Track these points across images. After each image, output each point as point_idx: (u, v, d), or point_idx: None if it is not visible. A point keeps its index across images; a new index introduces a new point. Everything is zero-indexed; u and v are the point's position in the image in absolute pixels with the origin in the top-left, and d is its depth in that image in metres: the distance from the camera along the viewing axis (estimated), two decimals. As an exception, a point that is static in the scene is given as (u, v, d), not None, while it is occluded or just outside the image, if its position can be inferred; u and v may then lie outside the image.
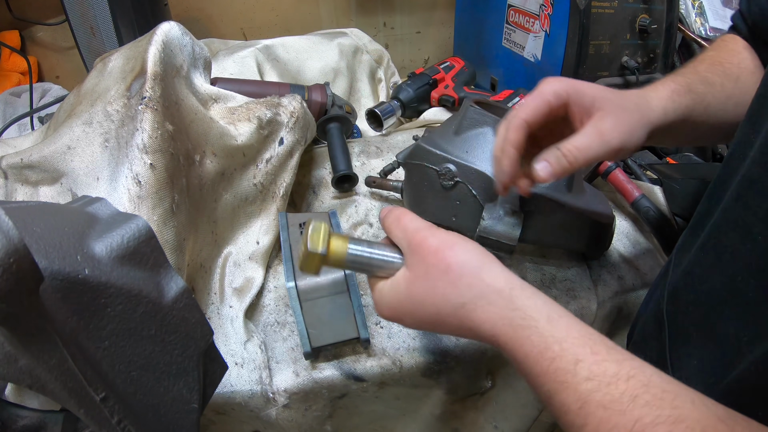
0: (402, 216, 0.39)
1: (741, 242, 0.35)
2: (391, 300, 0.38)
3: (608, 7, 0.77)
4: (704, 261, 0.40)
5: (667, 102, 0.44)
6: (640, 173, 0.74)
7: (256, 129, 0.59)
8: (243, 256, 0.59)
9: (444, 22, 1.20)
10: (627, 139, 0.40)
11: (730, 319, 0.36)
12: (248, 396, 0.50)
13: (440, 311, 0.36)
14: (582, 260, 0.64)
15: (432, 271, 0.36)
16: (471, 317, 0.34)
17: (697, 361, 0.39)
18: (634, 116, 0.42)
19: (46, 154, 0.52)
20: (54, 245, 0.28)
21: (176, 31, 0.55)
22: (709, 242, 0.39)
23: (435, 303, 0.36)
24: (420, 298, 0.36)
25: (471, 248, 0.36)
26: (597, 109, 0.41)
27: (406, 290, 0.37)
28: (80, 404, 0.28)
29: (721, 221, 0.38)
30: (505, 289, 0.34)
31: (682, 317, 0.42)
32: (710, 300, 0.38)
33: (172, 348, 0.34)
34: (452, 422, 0.62)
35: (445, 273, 0.35)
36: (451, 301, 0.35)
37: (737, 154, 0.38)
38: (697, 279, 0.40)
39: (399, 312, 0.38)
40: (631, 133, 0.41)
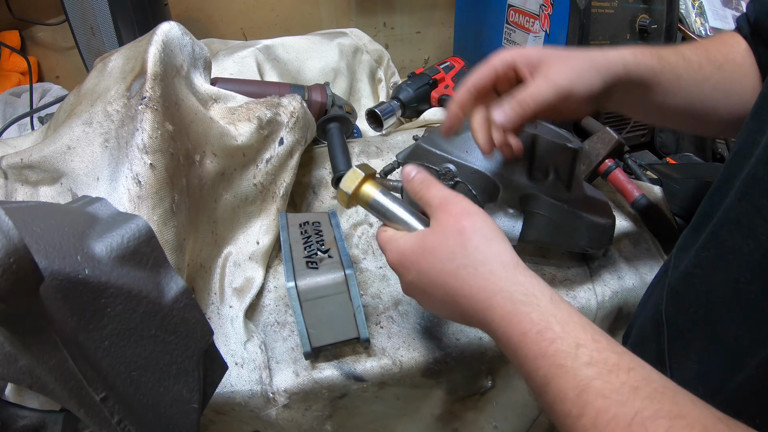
0: (431, 184, 0.40)
1: (744, 241, 0.35)
2: (402, 245, 0.39)
3: (608, 7, 0.77)
4: (706, 261, 0.39)
5: (627, 55, 0.44)
6: (640, 173, 0.74)
7: (256, 129, 0.59)
8: (243, 256, 0.59)
9: (444, 22, 1.20)
10: (575, 80, 0.41)
11: (731, 321, 0.36)
12: (248, 396, 0.50)
13: (444, 266, 0.36)
14: (582, 260, 0.64)
15: (447, 230, 0.37)
16: (469, 282, 0.34)
17: (697, 365, 0.39)
18: (583, 62, 0.42)
19: (46, 154, 0.52)
20: (54, 245, 0.28)
21: (176, 31, 0.55)
22: (711, 242, 0.39)
23: (441, 257, 0.36)
24: (430, 248, 0.37)
25: (490, 222, 0.37)
26: (544, 63, 0.43)
27: (419, 239, 0.38)
28: (80, 404, 0.28)
29: (723, 220, 0.38)
30: (510, 264, 0.34)
31: (682, 319, 0.41)
32: (711, 301, 0.38)
33: (172, 348, 0.34)
34: (452, 422, 0.62)
35: (458, 234, 0.36)
36: (455, 260, 0.35)
37: (741, 154, 0.38)
38: (698, 280, 0.40)
39: (406, 258, 0.38)
40: (579, 75, 0.42)
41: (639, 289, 0.62)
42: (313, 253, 0.51)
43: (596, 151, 0.71)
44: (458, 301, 0.35)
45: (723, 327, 0.36)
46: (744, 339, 0.34)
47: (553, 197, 0.53)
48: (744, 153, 0.37)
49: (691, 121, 0.49)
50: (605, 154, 0.70)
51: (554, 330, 0.30)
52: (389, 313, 0.57)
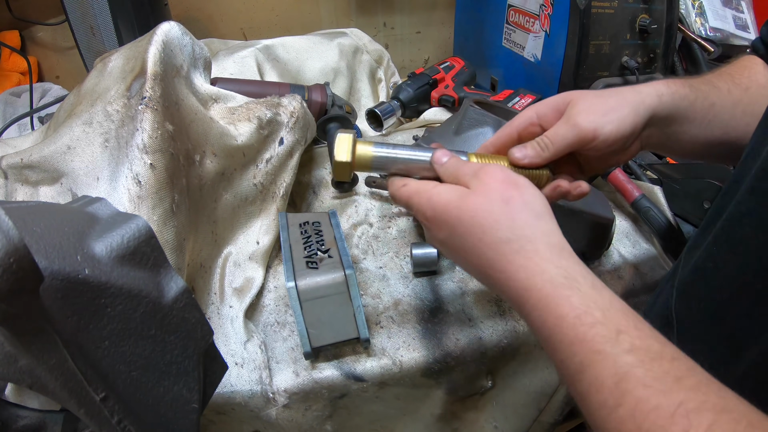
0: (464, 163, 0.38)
1: (754, 233, 0.35)
2: (436, 198, 0.36)
3: (608, 7, 0.77)
4: (716, 255, 0.39)
5: (660, 86, 0.43)
6: (640, 173, 0.74)
7: (256, 129, 0.59)
8: (243, 256, 0.59)
9: (444, 22, 1.20)
10: (600, 121, 0.40)
11: (737, 314, 0.36)
12: (248, 396, 0.50)
13: (484, 236, 0.33)
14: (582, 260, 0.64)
15: (492, 195, 0.34)
16: (510, 257, 0.32)
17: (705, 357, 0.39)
18: (611, 100, 0.41)
19: (46, 154, 0.52)
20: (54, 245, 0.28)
21: (176, 31, 0.55)
22: (722, 236, 0.39)
23: (483, 225, 0.33)
24: (471, 211, 0.34)
25: (538, 194, 0.35)
26: (570, 105, 0.42)
27: (458, 198, 0.35)
28: (80, 404, 0.28)
29: (734, 213, 0.38)
30: (556, 246, 0.32)
31: (691, 315, 0.41)
32: (721, 295, 0.38)
33: (172, 348, 0.35)
34: (452, 422, 0.62)
35: (506, 203, 0.33)
36: (499, 231, 0.33)
37: (753, 153, 0.38)
38: (709, 273, 0.40)
39: (439, 215, 0.35)
40: (605, 115, 0.40)
41: (639, 289, 0.62)
42: (313, 253, 0.51)
43: (596, 151, 0.71)
44: (492, 275, 0.33)
45: (729, 319, 0.36)
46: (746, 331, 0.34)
47: (553, 197, 0.53)
48: (756, 152, 0.37)
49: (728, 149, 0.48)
50: (605, 154, 0.70)
51: (594, 315, 0.28)
52: (389, 313, 0.57)
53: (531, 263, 0.31)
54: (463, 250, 0.35)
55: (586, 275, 0.31)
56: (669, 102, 0.42)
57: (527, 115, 0.43)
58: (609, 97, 0.41)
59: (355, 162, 0.40)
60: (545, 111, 0.42)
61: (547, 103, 0.43)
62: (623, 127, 0.40)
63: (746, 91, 0.46)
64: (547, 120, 0.42)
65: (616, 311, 0.29)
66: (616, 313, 0.28)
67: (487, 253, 0.33)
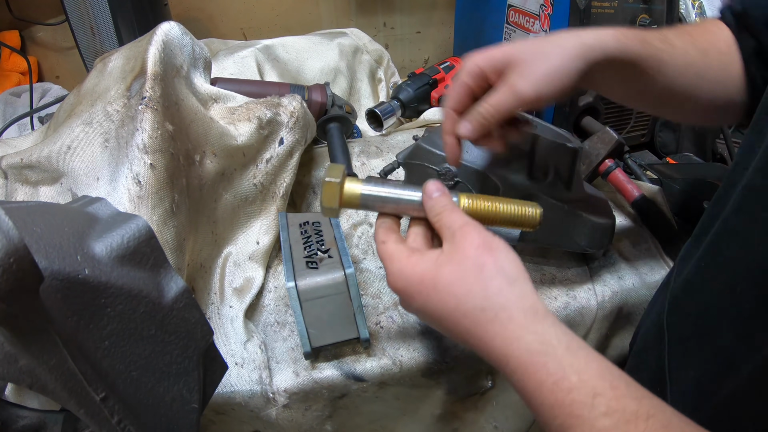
0: (453, 209, 0.38)
1: (741, 252, 0.35)
2: (411, 271, 0.35)
3: (608, 7, 0.77)
4: (704, 271, 0.39)
5: (608, 39, 0.41)
6: (640, 173, 0.74)
7: (256, 129, 0.59)
8: (243, 256, 0.59)
9: (444, 22, 1.20)
10: (542, 86, 0.39)
11: (727, 331, 0.35)
12: (248, 396, 0.50)
13: (459, 306, 0.33)
14: (582, 260, 0.64)
15: (466, 263, 0.34)
16: (486, 327, 0.32)
17: (695, 373, 0.39)
18: (552, 57, 0.40)
19: (46, 154, 0.52)
20: (54, 245, 0.28)
21: (176, 31, 0.55)
22: (710, 252, 0.39)
23: (457, 294, 0.33)
24: (444, 282, 0.34)
25: (513, 258, 0.35)
26: (509, 66, 0.40)
27: (432, 268, 0.35)
28: (80, 404, 0.28)
29: (721, 231, 0.37)
30: (530, 310, 0.32)
31: (682, 328, 0.41)
32: (709, 311, 0.38)
33: (172, 348, 0.34)
34: (452, 422, 0.62)
35: (479, 270, 0.33)
36: (473, 300, 0.33)
37: (741, 164, 0.37)
38: (698, 289, 0.40)
39: (414, 288, 0.35)
40: (548, 77, 0.39)
41: (639, 289, 0.62)
42: (313, 253, 0.51)
43: (596, 151, 0.71)
44: (470, 341, 0.34)
45: (720, 336, 0.36)
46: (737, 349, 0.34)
47: (553, 197, 0.53)
48: (743, 164, 0.37)
49: (670, 107, 0.48)
50: (605, 154, 0.70)
51: (570, 380, 0.29)
52: (389, 313, 0.57)
53: (507, 331, 0.32)
54: (439, 318, 0.35)
55: (561, 337, 0.31)
56: (615, 55, 0.41)
57: (472, 71, 0.42)
58: (550, 54, 0.40)
59: (342, 199, 0.39)
60: (488, 67, 0.41)
61: (488, 58, 0.41)
62: (563, 87, 0.40)
63: (704, 55, 0.45)
64: (492, 78, 0.42)
65: (592, 373, 0.29)
66: (592, 375, 0.29)
67: (463, 322, 0.33)
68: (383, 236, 0.39)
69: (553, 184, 0.54)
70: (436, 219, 0.38)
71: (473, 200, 0.40)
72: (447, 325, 0.35)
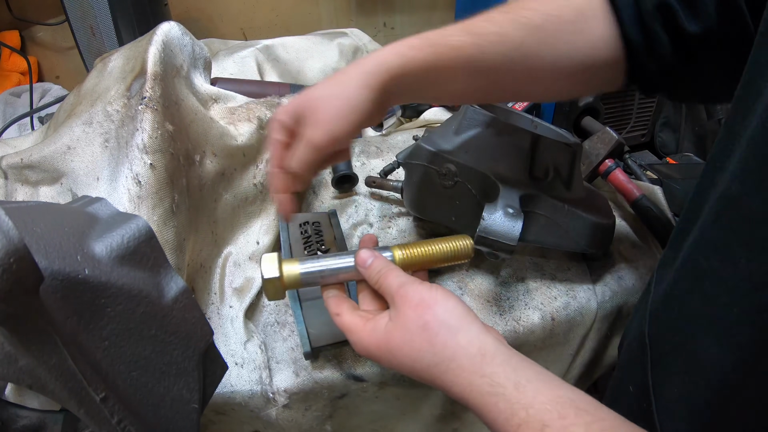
0: (388, 271, 0.40)
1: (721, 265, 0.33)
2: (366, 342, 0.39)
3: (608, 7, 0.76)
4: (682, 283, 0.38)
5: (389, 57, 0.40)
6: (640, 173, 0.74)
7: (256, 129, 0.59)
8: (243, 256, 0.59)
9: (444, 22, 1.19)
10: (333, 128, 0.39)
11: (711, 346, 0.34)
12: (248, 396, 0.50)
13: (414, 366, 0.36)
14: (582, 260, 0.64)
15: (410, 326, 0.37)
16: (442, 378, 0.35)
17: (678, 389, 0.37)
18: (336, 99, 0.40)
19: (46, 154, 0.52)
20: (54, 245, 0.28)
21: (176, 31, 0.55)
22: (688, 264, 0.37)
23: (410, 356, 0.36)
24: (396, 347, 0.37)
25: (451, 307, 0.37)
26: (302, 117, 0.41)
27: (384, 336, 0.38)
28: (80, 404, 0.28)
29: (699, 242, 0.36)
30: (477, 355, 0.34)
31: (662, 341, 0.40)
32: (689, 325, 0.36)
33: (172, 348, 0.35)
34: (452, 422, 0.62)
35: (423, 329, 0.36)
36: (425, 358, 0.36)
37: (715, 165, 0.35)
38: (677, 301, 0.38)
39: (374, 354, 0.39)
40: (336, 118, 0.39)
41: (639, 290, 0.62)
42: (313, 253, 0.51)
43: (596, 151, 0.71)
44: (437, 388, 0.37)
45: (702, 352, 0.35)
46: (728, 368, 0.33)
47: (553, 197, 0.53)
48: (718, 166, 0.35)
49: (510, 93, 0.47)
50: (605, 154, 0.70)
51: (519, 416, 0.31)
52: (389, 313, 0.57)
53: (459, 379, 0.34)
54: (407, 374, 0.38)
55: (510, 375, 0.33)
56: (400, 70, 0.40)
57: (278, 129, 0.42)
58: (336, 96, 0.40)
59: (284, 282, 0.41)
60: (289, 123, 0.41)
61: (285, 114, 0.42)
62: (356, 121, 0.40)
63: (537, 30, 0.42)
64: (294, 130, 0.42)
65: (539, 407, 0.31)
66: (540, 409, 0.31)
67: (424, 376, 0.36)
68: (335, 308, 0.41)
69: (553, 183, 0.54)
70: (376, 286, 0.41)
71: (406, 251, 0.43)
72: (415, 377, 0.38)
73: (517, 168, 0.53)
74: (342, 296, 0.43)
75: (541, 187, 0.53)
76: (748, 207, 0.31)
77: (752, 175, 0.31)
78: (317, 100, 0.41)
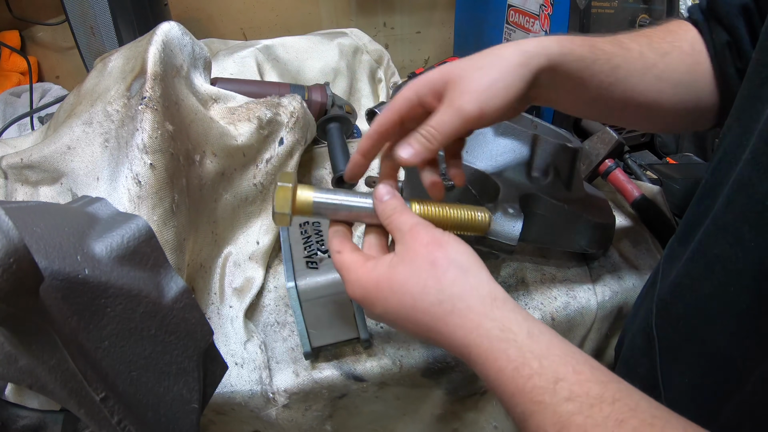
0: (404, 210, 0.38)
1: (732, 250, 0.33)
2: (367, 279, 0.35)
3: (608, 7, 0.77)
4: (694, 271, 0.38)
5: (552, 45, 0.39)
6: (640, 173, 0.74)
7: (256, 129, 0.59)
8: (243, 256, 0.59)
9: (444, 22, 1.20)
10: (484, 101, 0.37)
11: (721, 335, 0.34)
12: (248, 396, 0.50)
13: (416, 303, 0.33)
14: (582, 260, 0.64)
15: (418, 260, 0.34)
16: (446, 319, 0.32)
17: (689, 380, 0.37)
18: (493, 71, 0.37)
19: (46, 154, 0.52)
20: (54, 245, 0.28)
21: (176, 31, 0.55)
22: (699, 251, 0.37)
23: (413, 292, 0.33)
24: (399, 282, 0.34)
25: (462, 250, 0.34)
26: (449, 85, 0.38)
27: (386, 271, 0.34)
28: (80, 404, 0.28)
29: (710, 228, 0.36)
30: (488, 297, 0.32)
31: (672, 332, 0.40)
32: (700, 313, 0.36)
33: (172, 348, 0.35)
34: (452, 422, 0.62)
35: (431, 265, 0.33)
36: (429, 294, 0.32)
37: (728, 159, 0.36)
38: (687, 290, 0.38)
39: (372, 293, 0.35)
40: (489, 91, 0.37)
41: (639, 289, 0.62)
42: (313, 253, 0.51)
43: (596, 151, 0.71)
44: (432, 337, 0.33)
45: (713, 341, 0.35)
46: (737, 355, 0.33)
47: (553, 197, 0.53)
48: (730, 158, 0.35)
49: (632, 115, 0.46)
50: (605, 154, 0.70)
51: (531, 366, 0.28)
52: (389, 313, 0.57)
53: (466, 320, 0.31)
54: (400, 320, 0.34)
55: (522, 323, 0.31)
56: (559, 59, 0.39)
57: (407, 97, 0.39)
58: (490, 68, 0.37)
59: (295, 206, 0.38)
60: (425, 92, 0.39)
61: (425, 82, 0.39)
62: (508, 99, 0.37)
63: (664, 57, 0.42)
64: (427, 102, 0.39)
65: (553, 358, 0.29)
66: (554, 360, 0.28)
67: (423, 319, 0.33)
68: (338, 246, 0.38)
69: (553, 184, 0.54)
70: (387, 221, 0.38)
71: (424, 205, 0.40)
72: (409, 325, 0.34)
73: (517, 168, 0.53)
74: (347, 235, 0.40)
75: (541, 187, 0.53)
76: (759, 191, 0.31)
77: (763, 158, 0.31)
78: (466, 70, 0.38)
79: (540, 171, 0.54)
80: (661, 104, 0.43)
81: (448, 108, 0.37)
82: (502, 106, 0.37)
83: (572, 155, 0.54)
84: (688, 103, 0.44)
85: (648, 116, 0.46)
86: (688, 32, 0.45)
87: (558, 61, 0.39)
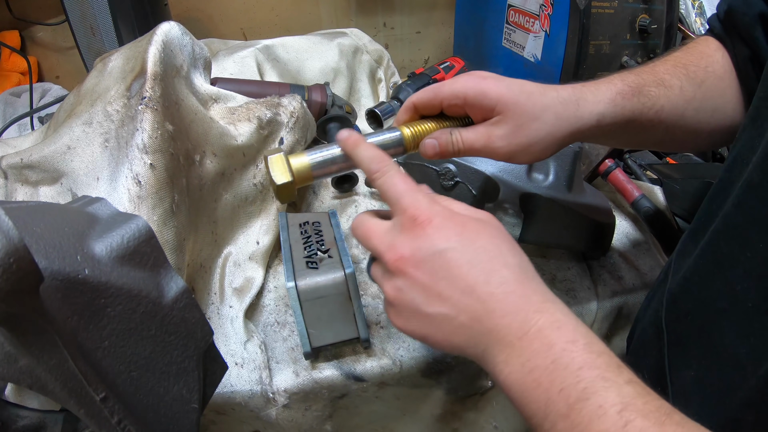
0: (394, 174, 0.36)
1: (740, 250, 0.34)
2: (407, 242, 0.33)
3: (608, 7, 0.77)
4: (703, 268, 0.39)
5: (606, 106, 0.40)
6: (640, 173, 0.74)
7: (256, 129, 0.59)
8: (243, 256, 0.59)
9: (444, 22, 1.20)
10: (516, 153, 0.39)
11: (729, 331, 0.35)
12: (248, 396, 0.50)
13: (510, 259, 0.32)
14: (582, 260, 0.64)
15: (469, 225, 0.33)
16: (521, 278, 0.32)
17: (695, 373, 0.38)
18: (543, 127, 0.38)
19: (46, 154, 0.52)
20: (54, 245, 0.28)
21: (176, 31, 0.55)
22: (708, 249, 0.38)
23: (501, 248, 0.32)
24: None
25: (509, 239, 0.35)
26: (497, 112, 0.39)
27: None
28: (80, 404, 0.28)
29: (720, 227, 0.37)
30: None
31: (680, 326, 0.41)
32: (709, 310, 0.37)
33: (172, 348, 0.34)
34: (452, 422, 0.62)
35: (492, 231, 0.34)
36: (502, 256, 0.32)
37: (741, 159, 0.37)
38: (696, 286, 0.39)
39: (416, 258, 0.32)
40: (527, 149, 0.39)
41: (639, 289, 0.62)
42: (313, 253, 0.51)
43: (596, 151, 0.71)
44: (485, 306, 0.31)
45: (720, 337, 0.36)
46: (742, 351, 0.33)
47: (553, 197, 0.53)
48: (742, 159, 0.36)
49: (669, 144, 0.48)
50: (605, 154, 0.70)
51: (600, 345, 0.29)
52: (389, 313, 0.57)
53: (543, 287, 0.32)
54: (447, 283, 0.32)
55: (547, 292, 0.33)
56: (610, 121, 0.41)
57: (456, 93, 0.40)
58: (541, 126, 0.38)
59: (296, 177, 0.37)
60: (473, 102, 0.39)
61: (477, 96, 0.39)
62: (539, 156, 0.40)
63: (700, 87, 0.43)
64: (472, 111, 0.40)
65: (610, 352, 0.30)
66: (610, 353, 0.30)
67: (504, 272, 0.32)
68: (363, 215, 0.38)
69: (553, 184, 0.54)
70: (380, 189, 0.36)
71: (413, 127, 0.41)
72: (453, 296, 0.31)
73: (517, 168, 0.53)
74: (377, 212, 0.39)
75: (541, 188, 0.53)
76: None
77: None
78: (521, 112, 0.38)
79: (540, 171, 0.54)
80: (698, 133, 0.45)
81: (484, 138, 0.39)
82: (528, 161, 0.40)
83: (572, 155, 0.54)
84: (723, 124, 0.45)
85: (683, 142, 0.48)
86: (717, 51, 0.46)
87: (606, 122, 0.40)
